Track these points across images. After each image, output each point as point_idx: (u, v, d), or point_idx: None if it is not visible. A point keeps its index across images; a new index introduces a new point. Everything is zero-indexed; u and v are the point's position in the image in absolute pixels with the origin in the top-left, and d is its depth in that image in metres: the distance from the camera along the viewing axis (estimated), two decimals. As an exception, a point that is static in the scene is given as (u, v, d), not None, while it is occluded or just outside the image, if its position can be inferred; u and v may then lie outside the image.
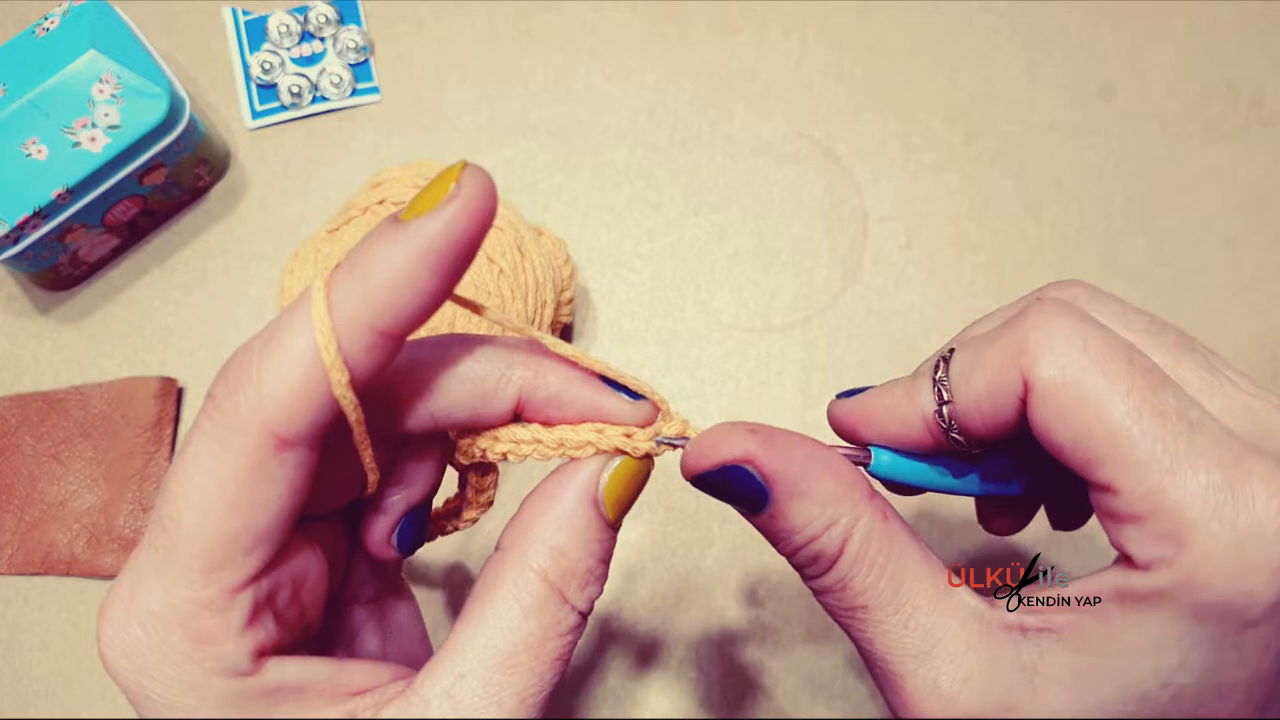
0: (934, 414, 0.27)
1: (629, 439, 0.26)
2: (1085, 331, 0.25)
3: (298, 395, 0.22)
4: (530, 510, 0.26)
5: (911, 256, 0.58)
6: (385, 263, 0.22)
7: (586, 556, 0.25)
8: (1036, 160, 0.60)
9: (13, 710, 0.52)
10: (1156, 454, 0.23)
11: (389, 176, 0.51)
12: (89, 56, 0.51)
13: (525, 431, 0.26)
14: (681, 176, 0.59)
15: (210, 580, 0.22)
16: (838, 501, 0.26)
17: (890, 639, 0.26)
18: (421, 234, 0.22)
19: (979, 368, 0.26)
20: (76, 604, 0.53)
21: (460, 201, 0.22)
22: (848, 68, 0.61)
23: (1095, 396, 0.24)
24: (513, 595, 0.25)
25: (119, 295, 0.58)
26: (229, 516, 0.22)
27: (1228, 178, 0.59)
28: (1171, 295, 0.57)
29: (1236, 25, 0.61)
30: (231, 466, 0.22)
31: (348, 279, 0.22)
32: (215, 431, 0.22)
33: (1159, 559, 0.23)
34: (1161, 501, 0.23)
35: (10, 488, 0.54)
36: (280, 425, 0.22)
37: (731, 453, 0.26)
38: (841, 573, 0.26)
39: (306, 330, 0.22)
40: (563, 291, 0.52)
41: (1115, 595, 0.24)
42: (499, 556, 0.26)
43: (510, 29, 0.62)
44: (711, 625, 0.52)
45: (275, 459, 0.22)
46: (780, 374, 0.56)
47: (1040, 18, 0.62)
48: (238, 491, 0.22)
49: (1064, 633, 0.25)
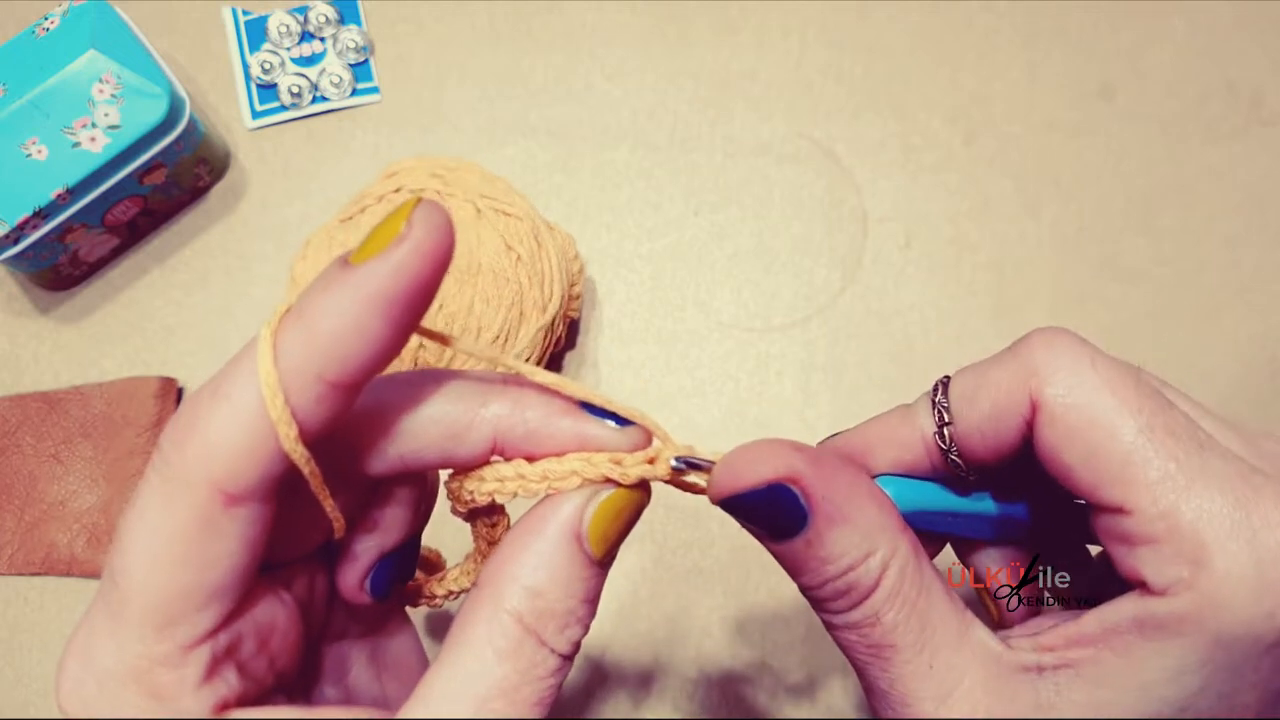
0: (934, 435, 0.27)
1: (618, 465, 0.24)
2: (1092, 352, 0.25)
3: (244, 450, 0.21)
4: (508, 547, 0.24)
5: (911, 257, 0.58)
6: (333, 309, 0.21)
7: (566, 597, 0.24)
8: (1036, 160, 0.60)
9: (13, 710, 0.52)
10: (1171, 473, 0.23)
11: (403, 166, 0.51)
12: (89, 56, 0.51)
13: (508, 468, 0.25)
14: (681, 176, 0.59)
15: (163, 637, 0.22)
16: (879, 531, 0.25)
17: (912, 681, 0.25)
18: (370, 278, 0.20)
19: (983, 389, 0.26)
20: (76, 604, 0.53)
21: (410, 243, 0.20)
22: (848, 68, 0.61)
23: (1106, 415, 0.24)
24: (485, 637, 0.23)
25: (119, 295, 0.58)
26: (178, 573, 0.21)
27: (1228, 178, 0.59)
28: (1171, 295, 0.57)
29: (1236, 25, 0.61)
30: (179, 522, 0.21)
31: (295, 326, 0.21)
32: (162, 486, 0.21)
33: (1177, 581, 0.23)
34: (1177, 521, 0.23)
35: (10, 488, 0.54)
36: (227, 481, 0.21)
37: (775, 471, 0.24)
38: (874, 607, 0.25)
39: (252, 381, 0.21)
40: (572, 285, 0.52)
41: (1135, 625, 0.24)
42: (474, 596, 0.24)
43: (510, 29, 0.62)
44: (711, 625, 0.52)
45: (224, 515, 0.21)
46: (780, 374, 0.56)
47: (1040, 18, 0.62)
48: (186, 548, 0.21)
49: (1082, 668, 0.24)
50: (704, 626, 0.52)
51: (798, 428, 0.55)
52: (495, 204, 0.50)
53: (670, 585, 0.53)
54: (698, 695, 0.51)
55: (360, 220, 0.50)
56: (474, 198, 0.50)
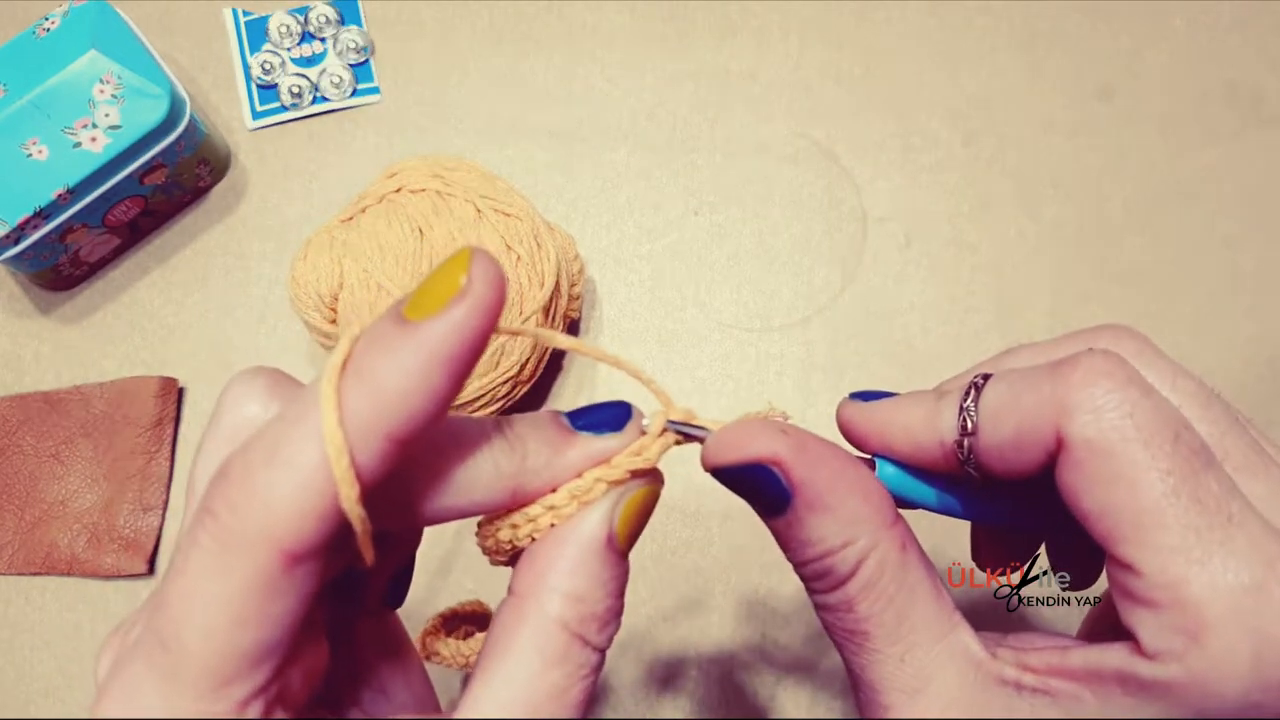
0: (954, 442, 0.26)
1: (639, 455, 0.25)
2: (1135, 398, 0.23)
3: (308, 512, 0.21)
4: (544, 556, 0.25)
5: (910, 257, 0.58)
6: (398, 369, 0.21)
7: (605, 597, 0.25)
8: (1035, 161, 0.60)
9: (13, 710, 0.52)
10: (1188, 543, 0.22)
11: (404, 166, 0.51)
12: (89, 57, 0.51)
13: (536, 508, 0.25)
14: (681, 176, 0.59)
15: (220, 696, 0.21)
16: (859, 523, 0.25)
17: (883, 669, 0.25)
18: (434, 338, 0.21)
19: (1012, 411, 0.25)
20: (77, 604, 0.53)
21: (472, 300, 0.21)
22: (847, 68, 0.61)
23: (1132, 470, 0.23)
24: (533, 646, 0.24)
25: (120, 295, 0.58)
26: (237, 635, 0.21)
27: (1227, 178, 0.59)
28: (1171, 295, 0.57)
29: (1236, 26, 0.62)
30: (238, 585, 0.21)
31: (357, 386, 0.21)
32: (217, 549, 0.21)
33: (1169, 651, 0.22)
34: (1183, 593, 0.22)
35: (11, 487, 0.54)
36: (290, 543, 0.21)
37: (759, 452, 0.25)
38: (849, 594, 0.25)
39: (314, 441, 0.21)
40: (573, 285, 0.53)
41: (1118, 678, 0.23)
42: (515, 604, 0.25)
43: (511, 29, 0.62)
44: (712, 625, 0.52)
45: (285, 575, 0.21)
46: (780, 374, 0.56)
47: (1039, 19, 0.62)
48: (244, 610, 0.21)
49: (1060, 699, 0.24)
50: (704, 626, 0.52)
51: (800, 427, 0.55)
52: (496, 204, 0.50)
53: (670, 585, 0.53)
54: (697, 694, 0.51)
55: (361, 220, 0.50)
56: (474, 198, 0.50)
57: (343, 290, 0.49)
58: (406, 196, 0.50)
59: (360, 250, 0.49)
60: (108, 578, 0.53)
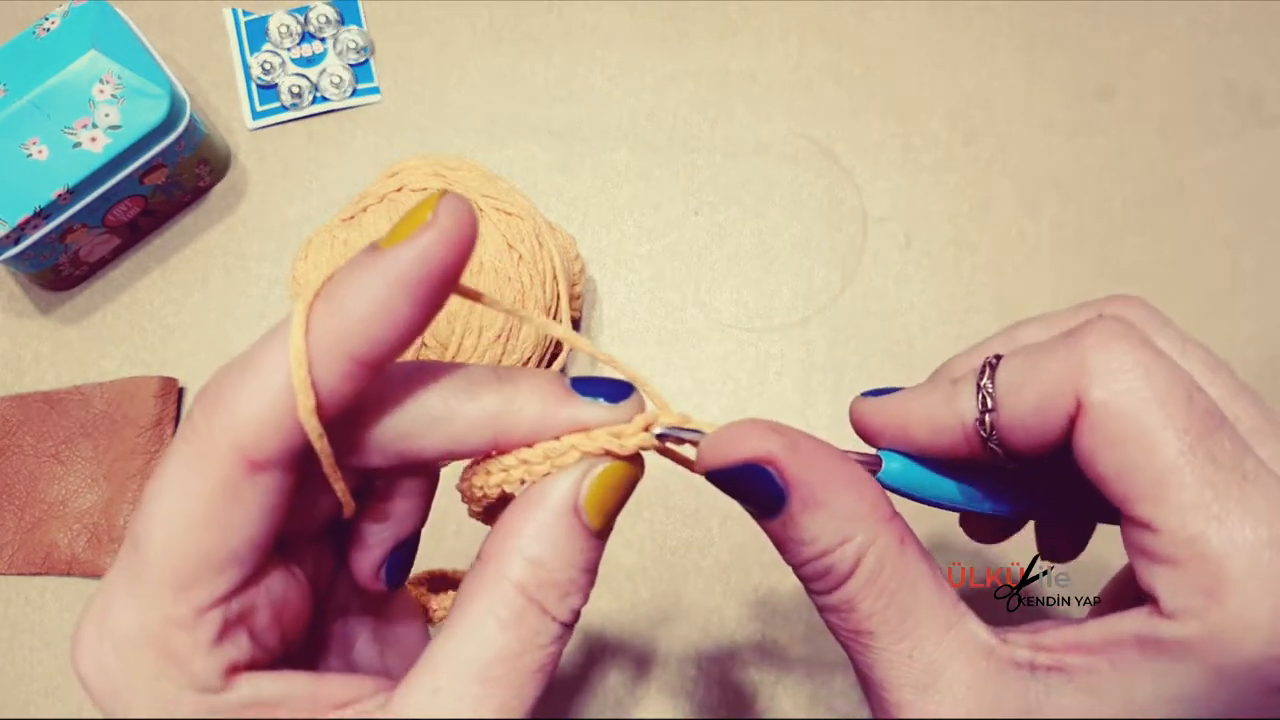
0: (975, 421, 0.26)
1: (616, 438, 0.25)
2: (1149, 360, 0.24)
3: (269, 419, 0.22)
4: (509, 520, 0.25)
5: (911, 257, 0.58)
6: (363, 290, 0.22)
7: (567, 567, 0.25)
8: (1035, 161, 0.60)
9: (13, 710, 0.52)
10: (1206, 499, 0.22)
11: (406, 165, 0.51)
12: (89, 57, 0.51)
13: (510, 457, 0.26)
14: (681, 176, 0.59)
15: (180, 599, 0.22)
16: (855, 519, 0.25)
17: (891, 667, 0.25)
18: (398, 262, 0.22)
19: (1031, 380, 0.25)
20: (77, 604, 0.53)
21: (436, 229, 0.22)
22: (847, 68, 0.61)
23: (1150, 429, 0.23)
24: (488, 607, 0.24)
25: (119, 295, 0.58)
26: (200, 536, 0.22)
27: (1227, 178, 0.59)
28: (1171, 295, 0.57)
29: (1236, 26, 0.62)
30: (203, 487, 0.22)
31: (326, 306, 0.22)
32: (188, 452, 0.22)
33: (1188, 609, 0.22)
34: (1202, 548, 0.22)
35: (11, 487, 0.54)
36: (252, 448, 0.22)
37: (753, 451, 0.25)
38: (850, 593, 0.25)
39: (282, 355, 0.22)
40: (573, 285, 0.53)
41: (1137, 642, 0.23)
42: (477, 568, 0.25)
43: (510, 29, 0.62)
44: (711, 625, 0.52)
45: (247, 481, 0.22)
46: (780, 374, 0.56)
47: (1039, 18, 0.62)
48: (208, 512, 0.22)
49: (1075, 674, 0.24)
50: (703, 625, 0.52)
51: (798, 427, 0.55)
52: (497, 203, 0.50)
53: (670, 585, 0.53)
54: (697, 694, 0.51)
55: (362, 220, 0.50)
56: (476, 197, 0.50)
57: (343, 290, 0.49)
58: (408, 196, 0.50)
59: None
60: (108, 578, 0.53)
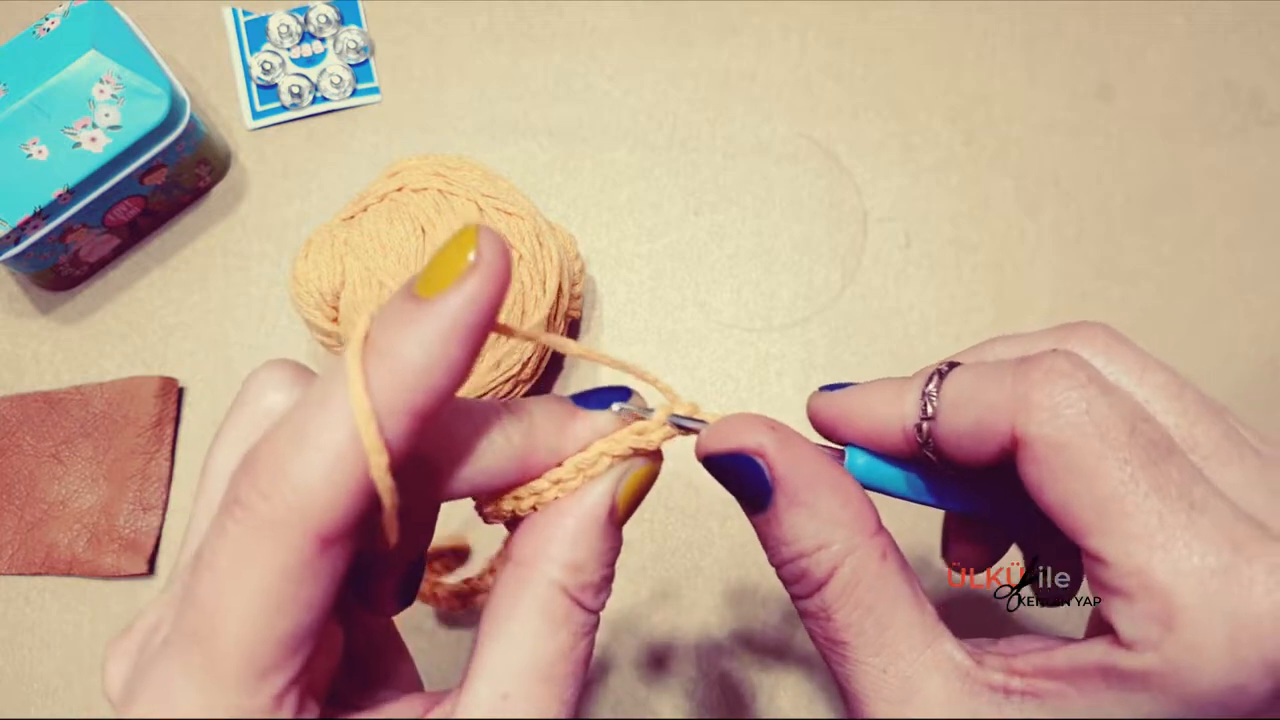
0: (914, 426, 0.27)
1: (642, 435, 0.26)
2: (1092, 395, 0.24)
3: (341, 492, 0.21)
4: (546, 525, 0.26)
5: (911, 256, 0.58)
6: (417, 344, 0.21)
7: (602, 567, 0.26)
8: (1036, 160, 0.60)
9: (13, 710, 0.52)
10: (1150, 528, 0.22)
11: (406, 165, 0.51)
12: (89, 57, 0.51)
13: (542, 481, 0.26)
14: (681, 176, 0.59)
15: (260, 688, 0.22)
16: (836, 525, 0.26)
17: (867, 680, 0.26)
18: (450, 311, 0.21)
19: (972, 403, 0.25)
20: (77, 604, 0.53)
21: (481, 273, 0.21)
22: (847, 68, 0.61)
23: (1090, 461, 0.23)
24: (538, 611, 0.24)
25: (119, 295, 0.58)
26: (276, 621, 0.21)
27: (1227, 178, 0.59)
28: (1171, 295, 0.57)
29: (1236, 25, 0.62)
30: (275, 571, 0.21)
31: (378, 363, 0.21)
32: (250, 537, 0.21)
33: (1145, 640, 0.22)
34: (1149, 579, 0.22)
35: (11, 487, 0.54)
36: (324, 525, 0.21)
37: (746, 443, 0.26)
38: (826, 601, 0.26)
39: (341, 423, 0.21)
40: (574, 285, 0.53)
41: (1100, 671, 0.23)
42: (516, 573, 0.25)
43: (510, 29, 0.62)
44: (711, 625, 0.52)
45: (320, 558, 0.21)
46: (780, 374, 0.56)
47: (1039, 18, 0.62)
48: (282, 596, 0.21)
49: (1047, 699, 0.24)
50: (703, 625, 0.52)
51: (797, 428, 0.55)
52: (498, 203, 0.50)
53: (670, 585, 0.53)
54: (697, 694, 0.51)
55: (362, 219, 0.50)
56: (476, 197, 0.50)
57: (345, 289, 0.49)
58: (408, 195, 0.50)
59: (362, 249, 0.49)
60: (108, 578, 0.53)
